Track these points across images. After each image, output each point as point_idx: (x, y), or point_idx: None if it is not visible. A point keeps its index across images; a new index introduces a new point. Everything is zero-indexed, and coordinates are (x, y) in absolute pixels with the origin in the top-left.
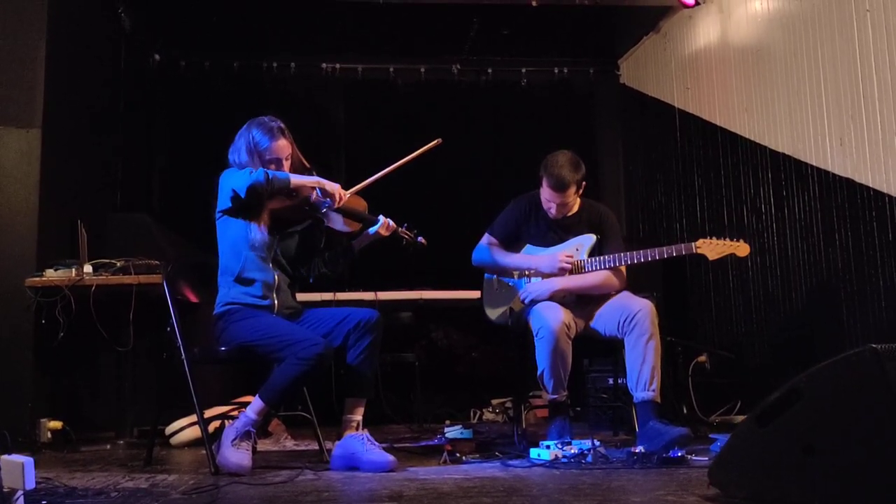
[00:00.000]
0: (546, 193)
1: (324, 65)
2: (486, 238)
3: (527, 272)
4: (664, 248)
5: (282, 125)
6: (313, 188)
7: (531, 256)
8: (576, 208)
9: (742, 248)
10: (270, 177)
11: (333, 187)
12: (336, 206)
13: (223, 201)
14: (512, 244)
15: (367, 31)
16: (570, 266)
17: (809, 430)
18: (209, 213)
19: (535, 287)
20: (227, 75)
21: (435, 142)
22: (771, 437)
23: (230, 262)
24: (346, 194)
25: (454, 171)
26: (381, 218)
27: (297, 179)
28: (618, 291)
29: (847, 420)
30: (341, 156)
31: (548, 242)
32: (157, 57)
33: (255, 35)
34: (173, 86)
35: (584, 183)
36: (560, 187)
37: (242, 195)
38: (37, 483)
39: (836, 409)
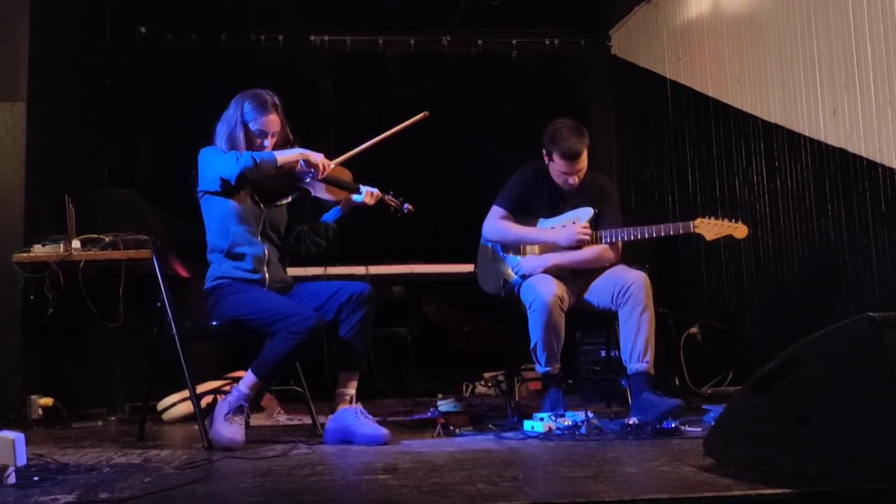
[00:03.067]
0: (560, 167)
1: (312, 37)
2: (495, 210)
3: (523, 247)
4: (662, 227)
5: (276, 100)
6: (297, 160)
7: (546, 231)
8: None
9: (740, 230)
10: (258, 160)
11: (317, 158)
12: (320, 176)
13: (207, 182)
14: (520, 215)
15: (356, 2)
16: (588, 238)
17: (805, 400)
18: (195, 188)
19: (528, 262)
20: (214, 48)
21: (422, 115)
22: (767, 406)
23: (219, 238)
24: (331, 164)
25: (444, 143)
26: (366, 188)
27: (282, 157)
28: (612, 264)
29: (843, 389)
30: (330, 129)
31: (547, 215)
32: (142, 30)
33: (242, 7)
34: (160, 59)
35: (589, 144)
36: (574, 157)
37: (233, 182)
38: (28, 459)
39: (832, 378)
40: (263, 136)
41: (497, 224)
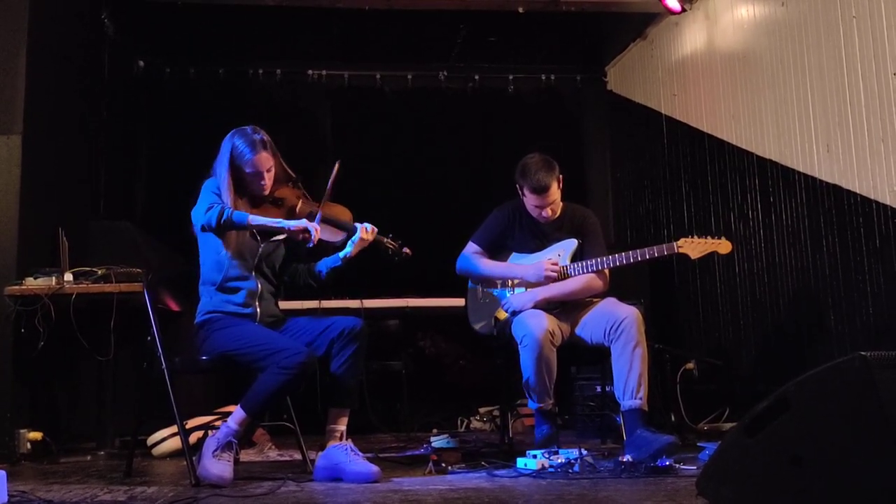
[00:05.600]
0: (532, 200)
1: (310, 71)
2: (470, 246)
3: (510, 282)
4: (646, 250)
5: (264, 138)
6: (277, 228)
7: (516, 265)
8: (558, 212)
9: (724, 246)
10: (223, 220)
11: (300, 226)
12: (315, 239)
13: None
14: (496, 252)
15: (354, 37)
16: (556, 274)
17: (798, 441)
18: (191, 221)
19: (517, 298)
20: (212, 82)
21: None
22: (759, 447)
23: (213, 270)
24: (318, 228)
25: (442, 178)
26: (360, 225)
27: (256, 222)
28: (602, 294)
29: (836, 430)
30: (328, 163)
31: (532, 250)
32: (141, 64)
33: (240, 42)
34: (158, 93)
35: (561, 177)
36: (543, 190)
37: (196, 229)
38: (10, 497)
39: (825, 418)
40: (258, 177)
41: (469, 259)
